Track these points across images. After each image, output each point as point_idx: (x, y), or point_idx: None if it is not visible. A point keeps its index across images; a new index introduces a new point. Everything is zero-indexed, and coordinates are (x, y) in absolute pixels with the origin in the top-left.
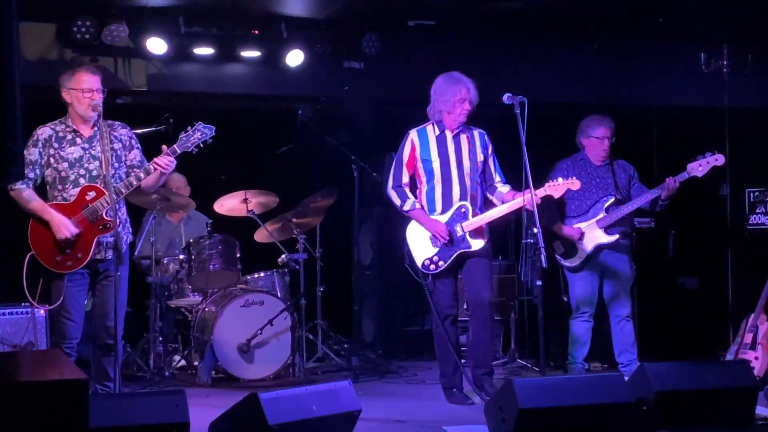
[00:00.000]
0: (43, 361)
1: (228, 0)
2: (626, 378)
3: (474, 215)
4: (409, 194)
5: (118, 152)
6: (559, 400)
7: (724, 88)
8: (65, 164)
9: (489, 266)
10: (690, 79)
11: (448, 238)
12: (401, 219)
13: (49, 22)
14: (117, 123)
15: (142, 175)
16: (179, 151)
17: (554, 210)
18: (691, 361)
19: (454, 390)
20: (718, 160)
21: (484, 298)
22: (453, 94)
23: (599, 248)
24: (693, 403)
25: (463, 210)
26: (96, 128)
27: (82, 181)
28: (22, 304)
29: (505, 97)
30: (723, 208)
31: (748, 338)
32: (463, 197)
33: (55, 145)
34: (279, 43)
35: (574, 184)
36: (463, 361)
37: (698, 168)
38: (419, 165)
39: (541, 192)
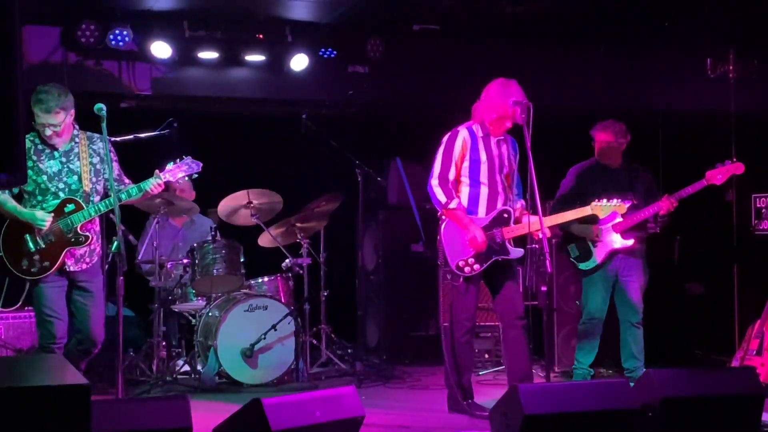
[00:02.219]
0: (44, 366)
1: (233, 4)
2: (632, 384)
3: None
4: (455, 193)
5: (97, 166)
6: (565, 406)
7: (730, 92)
8: (44, 177)
9: (519, 276)
10: (696, 84)
11: (483, 250)
12: (408, 223)
13: (54, 25)
14: (96, 135)
15: (123, 197)
16: (164, 179)
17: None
18: (697, 367)
19: (467, 402)
20: (738, 168)
21: (520, 310)
22: (498, 109)
23: (614, 253)
24: (698, 410)
25: (505, 216)
26: (73, 142)
27: (61, 194)
28: (25, 308)
29: (511, 102)
30: (729, 214)
31: (755, 344)
32: (506, 203)
33: (34, 157)
34: (284, 47)
35: (621, 207)
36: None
37: (717, 176)
38: (465, 164)
39: (587, 211)
